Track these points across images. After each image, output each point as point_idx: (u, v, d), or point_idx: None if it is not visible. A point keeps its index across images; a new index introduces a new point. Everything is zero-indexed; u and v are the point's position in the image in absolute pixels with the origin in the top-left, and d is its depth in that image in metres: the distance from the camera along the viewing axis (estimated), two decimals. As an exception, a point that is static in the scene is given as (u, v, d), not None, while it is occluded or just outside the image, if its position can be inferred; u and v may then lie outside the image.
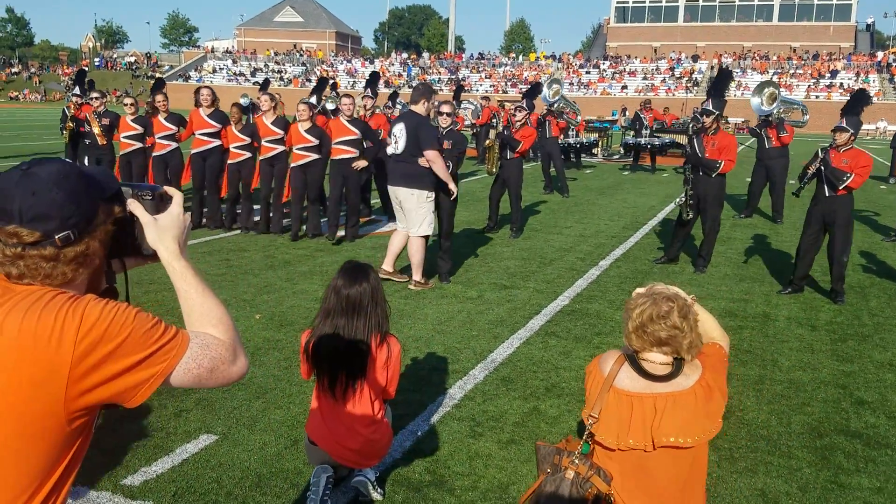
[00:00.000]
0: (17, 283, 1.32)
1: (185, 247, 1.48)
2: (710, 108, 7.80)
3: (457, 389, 4.64)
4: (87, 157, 11.24)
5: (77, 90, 12.85)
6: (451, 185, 6.83)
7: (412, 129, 6.65)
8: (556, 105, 15.98)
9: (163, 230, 1.45)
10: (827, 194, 6.81)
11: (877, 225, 11.33)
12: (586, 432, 2.42)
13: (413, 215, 6.77)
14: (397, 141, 6.73)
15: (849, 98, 7.40)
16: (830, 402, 4.64)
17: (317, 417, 3.29)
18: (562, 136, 16.44)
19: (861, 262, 8.66)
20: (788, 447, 4.00)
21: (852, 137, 6.77)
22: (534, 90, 11.64)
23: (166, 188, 1.50)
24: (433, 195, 6.81)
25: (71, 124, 12.12)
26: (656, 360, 2.36)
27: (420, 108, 6.80)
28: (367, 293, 3.19)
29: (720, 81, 8.36)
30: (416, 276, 6.94)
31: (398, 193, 6.84)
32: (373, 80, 11.76)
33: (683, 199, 7.93)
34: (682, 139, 18.90)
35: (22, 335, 1.24)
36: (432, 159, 6.59)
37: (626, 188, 15.38)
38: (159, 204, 1.47)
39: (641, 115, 19.37)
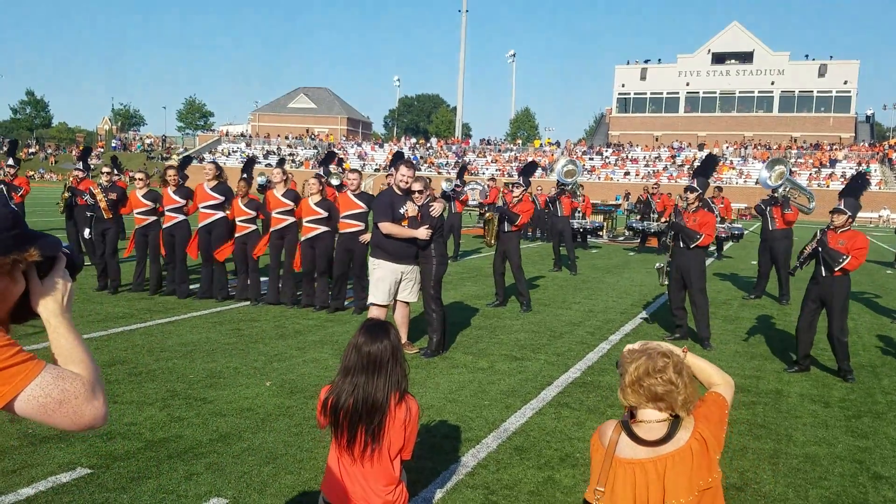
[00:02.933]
0: None
1: (69, 306, 1.56)
2: (695, 185, 8.27)
3: (470, 458, 4.60)
4: (88, 229, 11.43)
5: (80, 165, 13.21)
6: (418, 233, 6.94)
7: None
8: (570, 186, 16.42)
9: (46, 292, 1.53)
10: (824, 275, 6.94)
11: (884, 308, 11.35)
12: None
13: (415, 284, 7.12)
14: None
15: (848, 181, 7.64)
16: (847, 476, 4.58)
17: (334, 476, 3.27)
18: (572, 216, 16.73)
19: (872, 343, 8.66)
20: (808, 519, 3.93)
21: (850, 220, 6.91)
22: (529, 168, 12.05)
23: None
24: None
25: (66, 194, 12.39)
26: (652, 417, 2.35)
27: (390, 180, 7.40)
28: (388, 350, 3.22)
29: (706, 164, 9.03)
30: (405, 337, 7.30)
31: (407, 270, 7.01)
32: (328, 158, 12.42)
33: (662, 265, 8.44)
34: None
35: None
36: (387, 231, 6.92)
37: (632, 267, 15.50)
38: (48, 266, 1.55)
39: (651, 201, 19.63)
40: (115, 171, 11.63)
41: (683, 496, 2.26)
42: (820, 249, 6.93)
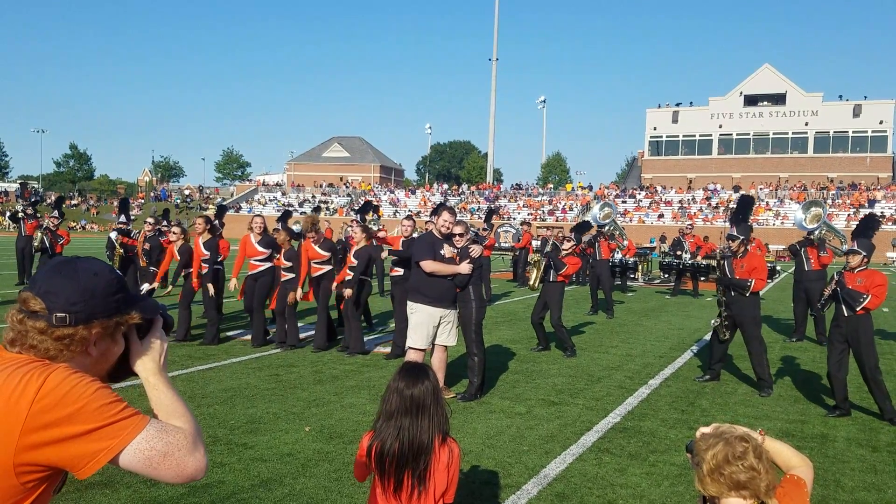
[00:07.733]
0: (8, 352, 1.49)
1: (165, 364, 1.68)
2: (735, 233, 8.21)
3: None
4: (147, 284, 11.77)
5: (122, 218, 13.66)
6: (461, 268, 7.01)
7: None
8: (607, 227, 16.53)
9: (144, 351, 1.65)
10: (846, 314, 6.97)
11: (931, 349, 11.04)
12: None
13: (453, 327, 7.08)
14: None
15: (858, 223, 7.82)
16: (902, 523, 4.44)
17: (378, 522, 3.28)
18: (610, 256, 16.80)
19: (920, 385, 8.41)
20: (862, 568, 3.81)
21: (865, 259, 7.01)
22: (582, 226, 12.29)
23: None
24: None
25: (120, 250, 12.90)
26: None
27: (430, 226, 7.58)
28: (430, 391, 3.25)
29: (742, 207, 8.92)
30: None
31: (445, 314, 7.02)
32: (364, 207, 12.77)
33: (719, 320, 8.28)
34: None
35: None
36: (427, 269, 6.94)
37: (669, 311, 15.33)
38: (147, 327, 1.68)
39: (682, 240, 19.61)
40: (165, 223, 12.05)
41: None
42: (839, 290, 7.00)
